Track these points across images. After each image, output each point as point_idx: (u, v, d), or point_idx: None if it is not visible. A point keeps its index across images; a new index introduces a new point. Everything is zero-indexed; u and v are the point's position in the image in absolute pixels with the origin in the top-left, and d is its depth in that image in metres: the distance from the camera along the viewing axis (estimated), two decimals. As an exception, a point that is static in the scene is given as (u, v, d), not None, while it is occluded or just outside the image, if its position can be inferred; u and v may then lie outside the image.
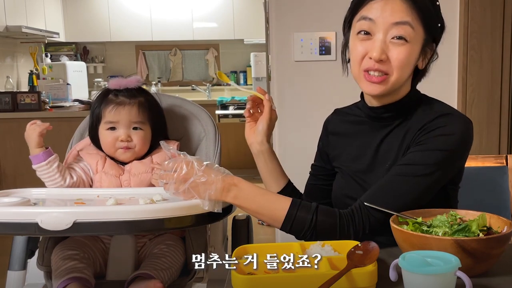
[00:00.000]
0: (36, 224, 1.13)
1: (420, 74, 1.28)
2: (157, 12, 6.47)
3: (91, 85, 6.20)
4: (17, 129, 3.38)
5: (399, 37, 1.16)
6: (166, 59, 6.97)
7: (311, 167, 1.47)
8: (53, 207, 1.31)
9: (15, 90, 5.16)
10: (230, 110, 5.52)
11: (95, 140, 1.63)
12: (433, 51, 1.25)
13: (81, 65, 6.05)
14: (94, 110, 1.61)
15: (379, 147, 1.26)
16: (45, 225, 1.13)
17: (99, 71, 6.86)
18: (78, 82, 5.66)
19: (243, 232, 1.69)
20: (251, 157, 1.38)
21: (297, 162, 1.45)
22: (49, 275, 1.50)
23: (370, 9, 1.18)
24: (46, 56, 5.91)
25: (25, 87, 5.30)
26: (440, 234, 0.98)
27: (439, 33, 1.24)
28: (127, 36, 6.56)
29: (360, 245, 0.96)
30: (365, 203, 1.14)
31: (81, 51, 6.81)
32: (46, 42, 5.97)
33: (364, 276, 0.89)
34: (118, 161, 1.61)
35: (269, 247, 1.01)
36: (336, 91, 2.39)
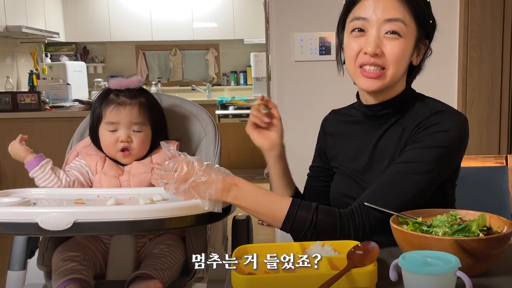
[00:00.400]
0: (36, 224, 1.13)
1: (415, 71, 1.28)
2: (157, 12, 6.47)
3: (91, 85, 6.19)
4: (17, 129, 3.37)
5: (393, 32, 1.17)
6: (166, 59, 6.96)
7: (310, 169, 1.46)
8: (53, 207, 1.32)
9: (15, 90, 5.15)
10: (230, 110, 5.51)
11: (95, 140, 1.63)
12: (427, 47, 1.26)
13: (81, 65, 6.05)
14: (95, 110, 1.61)
15: (376, 146, 1.26)
16: (45, 225, 1.13)
17: (99, 71, 6.86)
18: (78, 82, 5.66)
19: (243, 232, 1.69)
20: (251, 157, 1.38)
21: (297, 162, 1.44)
22: (49, 275, 1.50)
23: (363, 8, 1.19)
24: (46, 56, 5.90)
25: (25, 87, 5.30)
26: (440, 234, 0.98)
27: (432, 30, 1.24)
28: (127, 36, 6.56)
29: (360, 245, 0.96)
30: (365, 203, 1.14)
31: (81, 51, 6.81)
32: (46, 42, 5.97)
33: (364, 276, 0.89)
34: (118, 162, 1.61)
35: (269, 247, 1.01)
36: (336, 91, 2.37)
